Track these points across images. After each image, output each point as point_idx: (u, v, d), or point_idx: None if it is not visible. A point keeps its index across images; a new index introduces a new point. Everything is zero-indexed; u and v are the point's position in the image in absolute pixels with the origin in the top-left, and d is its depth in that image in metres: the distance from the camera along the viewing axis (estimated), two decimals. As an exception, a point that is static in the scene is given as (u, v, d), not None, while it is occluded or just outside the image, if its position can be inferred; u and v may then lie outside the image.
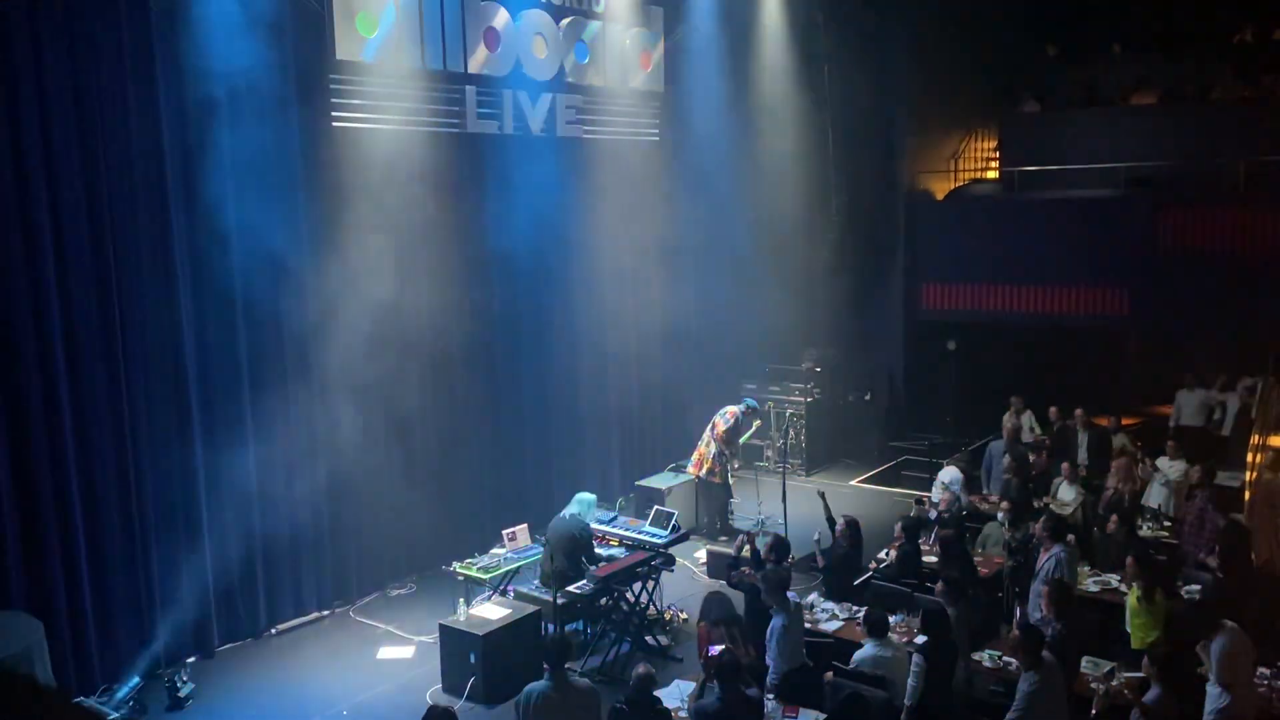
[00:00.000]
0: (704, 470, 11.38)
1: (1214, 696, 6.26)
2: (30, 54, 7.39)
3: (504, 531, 9.17)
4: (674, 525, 9.26)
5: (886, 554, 9.06)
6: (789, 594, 7.26)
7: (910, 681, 6.56)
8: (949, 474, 10.51)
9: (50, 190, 7.56)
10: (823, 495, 9.26)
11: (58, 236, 7.63)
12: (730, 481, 11.48)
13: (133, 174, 8.02)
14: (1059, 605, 7.05)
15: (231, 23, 8.38)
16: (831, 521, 8.82)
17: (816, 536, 8.76)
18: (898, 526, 8.94)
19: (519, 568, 9.03)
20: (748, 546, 8.44)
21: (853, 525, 8.61)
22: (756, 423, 12.12)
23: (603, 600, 8.61)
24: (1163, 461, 10.72)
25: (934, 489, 10.54)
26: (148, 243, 8.17)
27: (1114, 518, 8.98)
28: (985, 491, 11.05)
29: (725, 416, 11.44)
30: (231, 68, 8.41)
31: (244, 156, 8.62)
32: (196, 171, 8.38)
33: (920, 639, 6.95)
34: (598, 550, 8.81)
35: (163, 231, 8.25)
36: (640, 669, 6.11)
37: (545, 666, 6.16)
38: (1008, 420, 12.36)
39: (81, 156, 7.72)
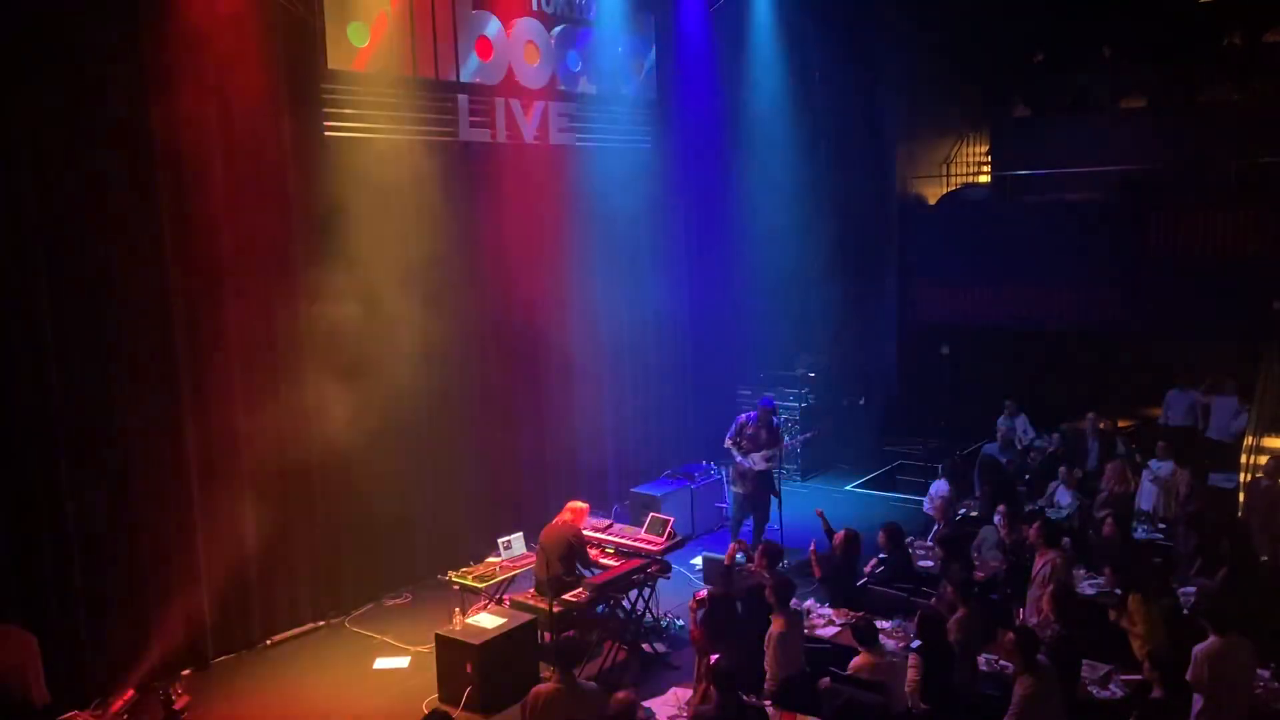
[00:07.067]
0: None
1: (1196, 699, 6.25)
2: (27, 54, 7.39)
3: (499, 540, 9.15)
4: (670, 532, 9.25)
5: (880, 558, 9.05)
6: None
7: (910, 674, 6.56)
8: (936, 487, 10.62)
9: (41, 198, 7.55)
10: (821, 514, 9.31)
11: (50, 235, 7.62)
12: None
13: (127, 185, 8.01)
14: (1060, 609, 7.06)
15: (223, 33, 8.39)
16: (830, 534, 8.83)
17: (813, 546, 8.76)
18: (881, 535, 8.94)
19: (514, 576, 9.01)
20: (740, 554, 8.44)
21: (851, 539, 8.59)
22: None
23: (599, 608, 8.59)
24: (1152, 462, 10.74)
25: (925, 503, 10.59)
26: (140, 247, 8.14)
27: (1109, 520, 9.00)
28: (979, 495, 11.05)
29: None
30: (223, 78, 8.43)
31: (236, 167, 8.62)
32: (188, 182, 8.35)
33: (915, 643, 6.95)
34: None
35: (155, 237, 8.22)
36: (620, 695, 5.97)
37: (554, 668, 6.11)
38: (1003, 424, 12.37)
39: (73, 170, 7.72)
